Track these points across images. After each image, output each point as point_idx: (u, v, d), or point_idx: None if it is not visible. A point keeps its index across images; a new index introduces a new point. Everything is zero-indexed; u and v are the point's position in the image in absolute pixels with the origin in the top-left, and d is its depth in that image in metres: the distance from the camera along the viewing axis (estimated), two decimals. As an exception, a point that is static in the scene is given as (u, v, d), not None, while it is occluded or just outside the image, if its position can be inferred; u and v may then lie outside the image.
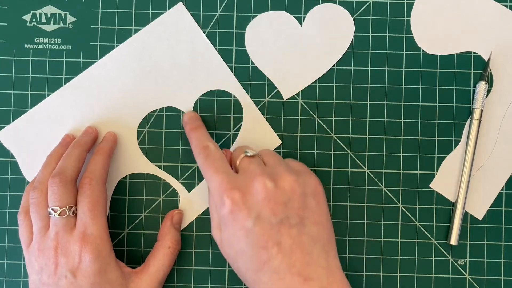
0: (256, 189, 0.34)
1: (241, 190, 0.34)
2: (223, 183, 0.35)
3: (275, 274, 0.33)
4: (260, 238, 0.33)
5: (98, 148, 0.40)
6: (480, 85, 0.42)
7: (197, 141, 0.38)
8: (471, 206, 0.42)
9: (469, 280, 0.42)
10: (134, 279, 0.37)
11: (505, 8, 0.43)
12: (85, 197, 0.37)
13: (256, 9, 0.43)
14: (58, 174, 0.37)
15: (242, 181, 0.35)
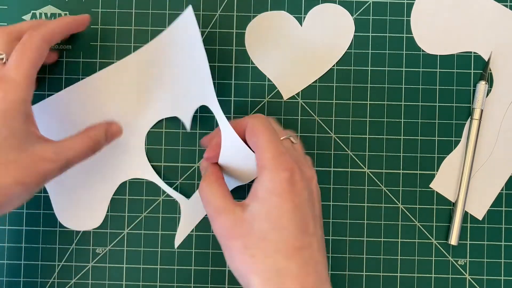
0: (306, 171, 0.34)
1: (298, 165, 0.33)
2: (281, 151, 0.33)
3: (305, 265, 0.31)
4: (304, 219, 0.32)
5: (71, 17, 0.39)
6: (480, 85, 0.42)
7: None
8: (471, 206, 0.42)
9: (469, 280, 0.42)
10: (42, 142, 0.35)
11: (505, 8, 0.43)
12: (20, 44, 0.35)
13: (256, 9, 0.43)
14: (6, 27, 0.36)
15: (296, 158, 0.34)
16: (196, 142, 0.43)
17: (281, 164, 0.32)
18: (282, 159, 0.33)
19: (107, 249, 0.42)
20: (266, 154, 0.33)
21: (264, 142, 0.33)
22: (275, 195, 0.32)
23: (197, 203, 0.42)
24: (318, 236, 0.33)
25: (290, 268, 0.31)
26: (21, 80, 0.34)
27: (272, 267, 0.31)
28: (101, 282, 0.42)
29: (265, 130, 0.34)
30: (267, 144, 0.33)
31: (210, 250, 0.42)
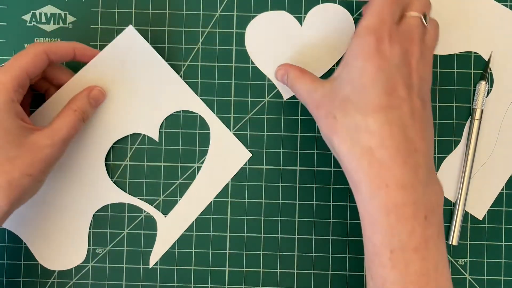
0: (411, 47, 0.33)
1: (390, 34, 0.33)
2: (382, 18, 0.33)
3: (388, 125, 0.31)
4: (390, 82, 0.32)
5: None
6: (481, 85, 0.42)
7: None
8: (471, 206, 0.42)
9: (469, 280, 0.42)
10: (35, 132, 0.36)
11: (505, 8, 0.43)
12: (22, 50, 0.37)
13: (256, 9, 0.43)
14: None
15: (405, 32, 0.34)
16: (196, 142, 0.43)
17: (371, 30, 0.33)
18: (376, 27, 0.33)
19: (107, 249, 0.42)
20: (362, 22, 0.34)
21: (370, 10, 0.34)
22: (360, 58, 0.33)
23: (174, 221, 0.42)
24: (415, 104, 0.32)
25: (368, 125, 0.31)
26: (8, 81, 0.35)
27: (350, 125, 0.32)
28: (101, 282, 0.42)
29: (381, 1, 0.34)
30: (370, 12, 0.34)
31: (210, 250, 0.42)
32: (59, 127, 0.37)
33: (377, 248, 0.31)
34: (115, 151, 0.42)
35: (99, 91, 0.40)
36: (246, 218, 0.42)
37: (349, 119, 0.32)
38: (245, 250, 0.42)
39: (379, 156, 0.31)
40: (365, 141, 0.31)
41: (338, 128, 0.33)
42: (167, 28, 0.43)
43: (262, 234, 0.42)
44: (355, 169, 0.32)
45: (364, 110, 0.32)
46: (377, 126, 0.31)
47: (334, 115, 0.33)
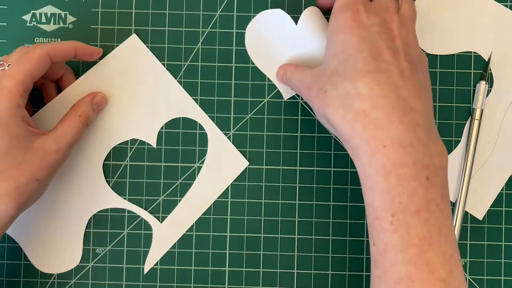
0: (388, 16, 0.34)
1: (366, 7, 0.34)
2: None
3: (379, 87, 0.31)
4: (374, 48, 0.32)
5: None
6: (480, 85, 0.42)
7: None
8: (471, 206, 0.42)
9: (469, 280, 0.42)
10: (41, 137, 0.36)
11: (505, 8, 0.43)
12: (23, 53, 0.36)
13: (256, 9, 0.43)
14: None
15: (380, 6, 0.35)
16: (196, 142, 0.43)
17: (345, 6, 0.34)
18: (350, 3, 0.34)
19: (107, 249, 0.42)
20: (336, 2, 0.35)
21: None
22: (340, 32, 0.34)
23: (169, 228, 0.42)
24: (403, 67, 0.32)
25: (358, 89, 0.31)
26: (13, 87, 0.35)
27: (341, 93, 0.32)
28: (101, 282, 0.42)
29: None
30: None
31: (210, 250, 0.42)
32: (65, 132, 0.38)
33: (378, 212, 0.30)
34: (115, 151, 0.43)
35: (102, 97, 0.41)
36: (246, 218, 0.42)
37: (339, 89, 0.32)
38: (245, 250, 0.42)
39: (373, 117, 0.30)
40: (357, 105, 0.31)
41: (329, 100, 0.32)
42: (167, 28, 0.43)
43: (262, 234, 0.42)
44: (351, 135, 0.31)
45: (352, 77, 0.32)
46: (367, 89, 0.31)
47: (325, 89, 0.33)
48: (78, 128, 0.39)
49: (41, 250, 0.42)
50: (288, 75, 0.39)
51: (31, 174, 0.35)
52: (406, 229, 0.29)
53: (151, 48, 0.43)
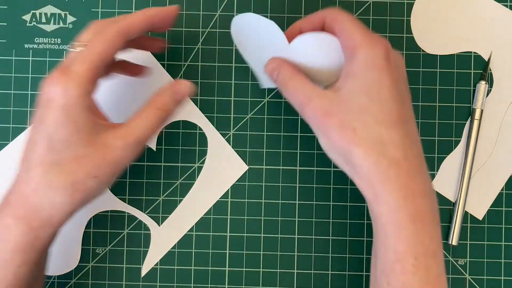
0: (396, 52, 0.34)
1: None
2: (370, 31, 0.34)
3: (407, 137, 0.32)
4: (401, 95, 0.33)
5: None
6: (480, 85, 0.42)
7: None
8: (471, 206, 0.42)
9: (469, 280, 0.42)
10: (108, 130, 0.33)
11: (505, 8, 0.43)
12: (93, 36, 0.34)
13: (256, 9, 0.43)
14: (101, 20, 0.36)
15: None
16: (196, 142, 0.43)
17: (375, 41, 0.33)
18: (375, 37, 0.33)
19: (107, 249, 0.42)
20: (357, 35, 0.33)
21: (352, 25, 0.33)
22: (374, 70, 0.32)
23: (168, 230, 0.42)
24: (413, 116, 0.34)
25: (392, 137, 0.32)
26: (83, 73, 0.32)
27: (375, 136, 0.32)
28: (101, 282, 0.42)
29: (348, 16, 0.34)
30: (355, 26, 0.33)
31: (210, 250, 0.42)
32: (135, 127, 0.34)
33: (401, 255, 0.31)
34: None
35: (185, 85, 0.36)
36: (246, 218, 0.42)
37: (372, 132, 0.32)
38: (245, 250, 0.42)
39: (405, 167, 0.32)
40: (391, 153, 0.31)
41: (361, 140, 0.32)
42: (167, 28, 0.43)
43: (262, 234, 0.42)
44: (381, 181, 0.31)
45: (386, 122, 0.32)
46: (399, 138, 0.32)
47: (354, 126, 0.32)
48: (153, 122, 0.34)
49: None
50: (283, 76, 0.36)
51: (90, 170, 0.32)
52: (425, 271, 0.31)
53: (151, 48, 0.43)
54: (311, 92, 0.34)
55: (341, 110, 0.32)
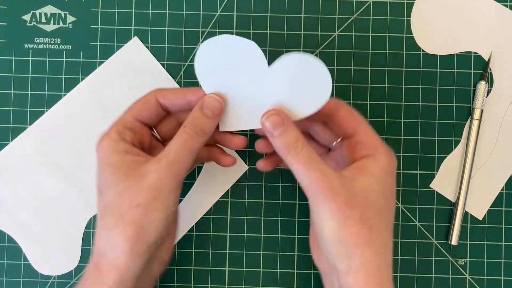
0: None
1: None
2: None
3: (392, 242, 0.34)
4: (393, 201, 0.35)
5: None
6: (480, 85, 0.42)
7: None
8: (471, 206, 0.42)
9: (469, 280, 0.42)
10: (146, 162, 0.33)
11: (505, 8, 0.43)
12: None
13: (256, 9, 0.43)
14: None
15: None
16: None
17: (390, 151, 0.35)
18: (388, 147, 0.35)
19: (107, 249, 0.42)
20: (377, 138, 0.35)
21: (369, 128, 0.36)
22: (391, 177, 0.34)
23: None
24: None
25: (391, 244, 0.34)
26: (113, 126, 0.35)
27: (383, 241, 0.33)
28: (101, 282, 0.42)
29: (364, 119, 0.36)
30: (372, 130, 0.36)
31: (210, 250, 0.42)
32: (167, 149, 0.34)
33: None
34: (115, 151, 0.42)
35: (213, 98, 0.35)
36: (246, 218, 0.42)
37: (383, 236, 0.33)
38: (245, 250, 0.42)
39: (391, 271, 0.33)
40: (389, 258, 0.33)
41: (374, 242, 0.32)
42: (167, 28, 0.43)
43: (262, 234, 0.42)
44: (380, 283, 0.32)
45: (390, 228, 0.34)
46: (392, 244, 0.34)
47: (371, 225, 0.32)
48: (183, 141, 0.34)
49: (40, 252, 0.42)
50: (289, 138, 0.33)
51: (131, 199, 0.32)
52: None
53: (151, 48, 0.43)
54: (328, 171, 0.32)
55: (361, 205, 0.32)
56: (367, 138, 0.35)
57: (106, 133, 0.35)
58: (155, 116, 0.36)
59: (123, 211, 0.32)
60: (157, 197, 0.32)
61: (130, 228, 0.32)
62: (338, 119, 0.36)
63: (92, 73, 0.42)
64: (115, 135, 0.34)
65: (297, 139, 0.33)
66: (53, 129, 0.42)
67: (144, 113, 0.35)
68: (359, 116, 0.36)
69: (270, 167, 0.38)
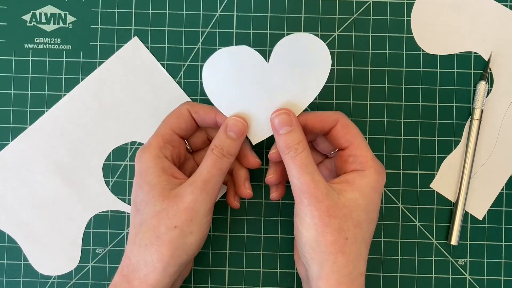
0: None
1: None
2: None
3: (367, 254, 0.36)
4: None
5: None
6: (480, 85, 0.42)
7: None
8: (471, 206, 0.42)
9: (469, 280, 0.42)
10: (181, 183, 0.35)
11: (505, 8, 0.43)
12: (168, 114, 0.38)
13: (256, 9, 0.43)
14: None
15: None
16: (196, 142, 0.43)
17: (381, 168, 0.36)
18: (379, 163, 0.36)
19: (107, 249, 0.42)
20: (369, 154, 0.36)
21: (364, 143, 0.37)
22: (377, 194, 0.36)
23: None
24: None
25: (365, 255, 0.35)
26: (153, 140, 0.36)
27: (357, 251, 0.34)
28: (101, 282, 0.42)
29: (360, 133, 0.37)
30: (366, 145, 0.37)
31: (210, 250, 0.42)
32: (199, 171, 0.35)
33: None
34: (115, 151, 0.43)
35: (235, 120, 0.36)
36: (246, 218, 0.42)
37: (358, 247, 0.34)
38: (245, 250, 0.42)
39: (363, 279, 0.35)
40: (361, 267, 0.34)
41: (348, 251, 0.34)
42: (167, 28, 0.43)
43: (262, 234, 0.42)
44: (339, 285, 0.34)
45: (366, 241, 0.35)
46: (366, 256, 0.35)
47: (347, 236, 0.34)
48: (212, 163, 0.35)
49: (40, 252, 0.42)
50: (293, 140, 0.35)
51: (168, 221, 0.33)
52: None
53: (151, 48, 0.43)
54: (318, 179, 0.34)
55: (342, 216, 0.34)
56: (360, 152, 0.36)
57: (147, 146, 0.36)
58: (190, 129, 0.38)
59: (160, 233, 0.33)
60: (193, 219, 0.34)
61: (166, 249, 0.33)
62: (335, 131, 0.37)
63: (92, 73, 0.42)
64: (156, 151, 0.36)
65: (299, 141, 0.35)
66: (53, 129, 0.42)
67: (180, 126, 0.37)
68: (355, 130, 0.37)
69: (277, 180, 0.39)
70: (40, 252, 0.42)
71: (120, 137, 0.42)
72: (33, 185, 0.42)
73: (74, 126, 0.42)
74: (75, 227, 0.42)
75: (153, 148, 0.36)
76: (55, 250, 0.42)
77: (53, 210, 0.42)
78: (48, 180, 0.42)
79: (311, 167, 0.34)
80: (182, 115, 0.37)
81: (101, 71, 0.42)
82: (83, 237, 0.42)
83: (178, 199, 0.34)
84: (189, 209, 0.34)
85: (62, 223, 0.42)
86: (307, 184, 0.34)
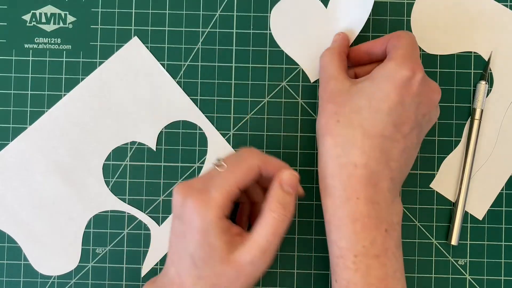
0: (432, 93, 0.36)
1: (423, 75, 0.35)
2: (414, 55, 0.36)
3: (380, 154, 0.34)
4: (403, 117, 0.34)
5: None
6: (481, 85, 0.42)
7: None
8: (471, 206, 0.42)
9: (469, 280, 0.42)
10: (238, 247, 0.34)
11: (505, 8, 0.43)
12: (236, 159, 0.35)
13: (256, 9, 0.43)
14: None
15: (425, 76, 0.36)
16: (196, 142, 0.43)
17: (409, 64, 0.34)
18: (412, 60, 0.35)
19: (107, 249, 0.42)
20: (399, 51, 0.35)
21: (404, 44, 0.35)
22: (389, 83, 0.34)
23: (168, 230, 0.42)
24: (410, 142, 0.35)
25: (363, 144, 0.34)
26: (220, 199, 0.33)
27: (349, 135, 0.34)
28: (101, 282, 0.42)
29: (410, 39, 0.36)
30: (405, 46, 0.35)
31: (210, 250, 0.42)
32: (257, 237, 0.33)
33: (343, 251, 0.34)
34: (115, 151, 0.43)
35: (290, 174, 0.35)
36: (246, 218, 0.42)
37: (350, 130, 0.34)
38: (245, 250, 0.42)
39: (359, 173, 0.34)
40: (353, 156, 0.34)
41: (336, 133, 0.34)
42: (167, 28, 0.43)
43: (262, 234, 0.42)
44: (333, 175, 0.34)
45: (367, 130, 0.34)
46: (369, 149, 0.34)
47: (339, 119, 0.34)
48: (273, 227, 0.33)
49: (40, 252, 0.42)
50: (325, 52, 0.39)
51: (227, 285, 0.33)
52: (367, 270, 0.33)
53: (151, 48, 0.43)
54: (334, 74, 0.36)
55: (340, 102, 0.35)
56: (392, 50, 0.36)
57: (211, 202, 0.33)
58: (249, 184, 0.35)
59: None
60: (250, 283, 0.34)
61: None
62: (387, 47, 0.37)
63: (92, 73, 0.42)
64: (220, 211, 0.33)
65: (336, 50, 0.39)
66: (53, 129, 0.42)
67: (247, 184, 0.35)
68: (404, 37, 0.36)
69: None
70: (40, 252, 0.42)
71: (120, 137, 0.42)
72: (33, 185, 0.42)
73: (74, 126, 0.42)
74: (75, 227, 0.42)
75: (220, 206, 0.33)
76: (55, 250, 0.42)
77: (53, 210, 0.42)
78: (48, 180, 0.42)
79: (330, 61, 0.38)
80: (252, 171, 0.34)
81: (101, 71, 0.42)
82: (83, 237, 0.42)
83: (238, 268, 0.33)
84: (248, 276, 0.34)
85: (62, 223, 0.42)
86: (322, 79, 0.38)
